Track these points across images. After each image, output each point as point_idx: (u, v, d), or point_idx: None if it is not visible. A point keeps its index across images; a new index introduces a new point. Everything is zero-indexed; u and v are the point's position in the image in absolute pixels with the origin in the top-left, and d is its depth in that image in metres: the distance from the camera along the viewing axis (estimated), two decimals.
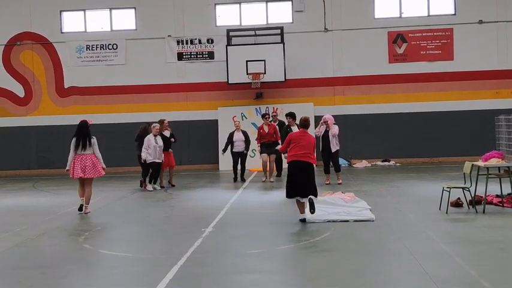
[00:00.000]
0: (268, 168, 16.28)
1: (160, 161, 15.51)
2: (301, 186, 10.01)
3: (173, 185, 16.13)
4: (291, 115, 16.40)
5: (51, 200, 14.47)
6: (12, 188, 17.58)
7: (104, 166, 12.05)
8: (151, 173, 15.49)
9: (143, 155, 15.20)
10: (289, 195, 10.22)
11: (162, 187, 15.88)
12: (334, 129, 15.35)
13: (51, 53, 22.47)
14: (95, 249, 8.58)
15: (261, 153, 16.40)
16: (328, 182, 15.29)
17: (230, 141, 16.71)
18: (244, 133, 16.83)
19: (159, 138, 15.50)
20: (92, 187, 12.07)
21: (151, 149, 15.27)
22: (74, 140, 11.89)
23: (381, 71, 21.65)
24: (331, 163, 15.54)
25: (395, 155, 21.48)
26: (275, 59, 20.54)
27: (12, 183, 19.20)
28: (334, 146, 15.38)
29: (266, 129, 16.51)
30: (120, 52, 22.30)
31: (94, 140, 11.95)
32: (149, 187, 15.46)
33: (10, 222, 11.15)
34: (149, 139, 15.35)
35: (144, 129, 15.99)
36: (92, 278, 7.14)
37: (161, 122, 16.20)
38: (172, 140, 16.22)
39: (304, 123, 10.63)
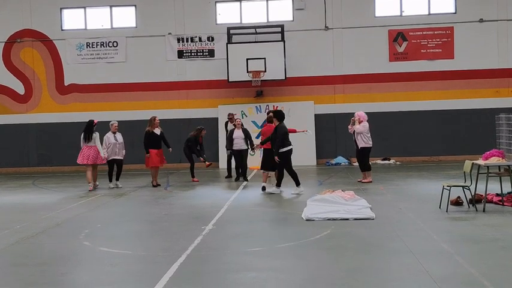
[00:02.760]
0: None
1: (121, 158, 15.69)
2: (268, 164, 13.88)
3: (158, 185, 15.92)
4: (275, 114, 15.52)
5: (51, 197, 14.46)
6: (12, 185, 17.58)
7: (103, 156, 15.26)
8: (109, 171, 15.78)
9: (103, 155, 15.31)
10: (261, 168, 14.26)
11: (158, 185, 15.87)
12: (357, 127, 15.21)
13: (51, 51, 22.47)
14: (95, 246, 8.57)
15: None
16: (361, 180, 15.30)
17: (230, 138, 16.52)
18: (245, 130, 16.61)
19: (118, 135, 15.62)
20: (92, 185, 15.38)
21: (111, 147, 15.40)
22: (82, 134, 15.27)
23: (381, 69, 21.66)
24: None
25: (396, 154, 21.51)
26: (275, 57, 20.55)
27: (12, 180, 19.21)
28: (361, 143, 15.18)
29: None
30: (120, 50, 22.30)
31: (95, 135, 15.23)
32: (111, 184, 15.65)
33: (10, 219, 11.15)
34: (108, 137, 15.55)
35: (195, 134, 16.88)
36: (92, 275, 7.14)
37: (153, 118, 16.06)
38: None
39: (269, 119, 14.31)
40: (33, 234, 9.56)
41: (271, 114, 14.28)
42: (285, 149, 13.21)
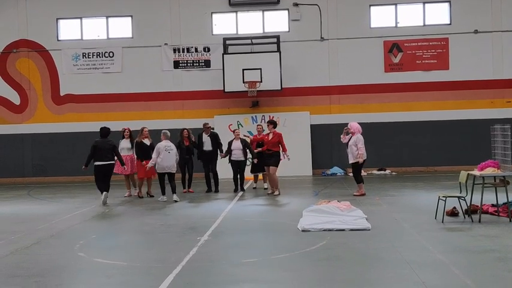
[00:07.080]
0: (269, 181, 15.91)
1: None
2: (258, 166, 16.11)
3: (152, 196, 15.75)
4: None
5: (46, 208, 14.41)
6: (7, 196, 17.52)
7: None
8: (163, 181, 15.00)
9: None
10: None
11: (151, 196, 15.74)
12: (345, 139, 15.17)
13: (47, 61, 22.47)
14: (90, 257, 8.54)
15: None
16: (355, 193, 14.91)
17: (229, 148, 16.27)
18: (243, 141, 16.45)
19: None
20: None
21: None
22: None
23: (376, 80, 21.72)
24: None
25: (391, 164, 21.53)
26: (271, 68, 20.60)
27: (7, 191, 19.13)
28: (350, 158, 14.93)
29: (270, 136, 15.62)
30: (116, 60, 22.32)
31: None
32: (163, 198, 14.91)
33: (5, 230, 11.10)
34: (159, 147, 14.70)
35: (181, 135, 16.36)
36: (87, 287, 7.10)
37: (141, 129, 15.96)
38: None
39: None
40: (27, 245, 9.52)
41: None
42: (94, 163, 14.36)
